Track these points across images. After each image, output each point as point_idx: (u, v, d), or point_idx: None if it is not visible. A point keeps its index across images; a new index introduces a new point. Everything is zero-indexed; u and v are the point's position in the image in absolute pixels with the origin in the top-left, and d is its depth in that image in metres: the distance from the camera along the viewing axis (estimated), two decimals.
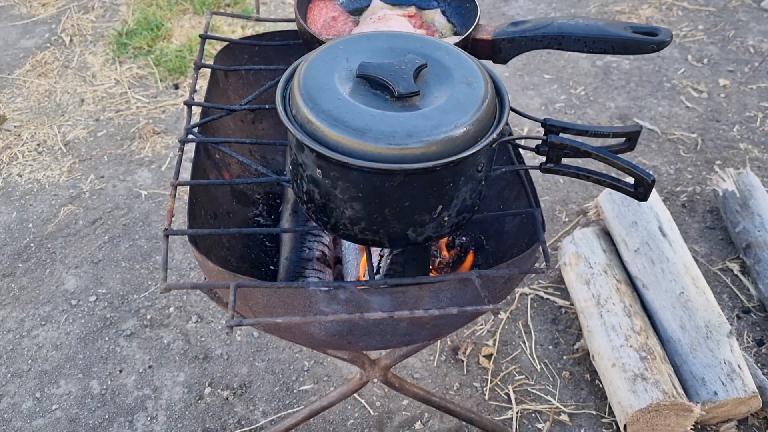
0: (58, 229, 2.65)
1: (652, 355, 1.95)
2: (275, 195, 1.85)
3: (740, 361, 1.96)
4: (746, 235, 2.38)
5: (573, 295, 2.25)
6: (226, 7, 3.90)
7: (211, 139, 1.48)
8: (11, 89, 3.37)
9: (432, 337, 1.40)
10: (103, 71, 3.45)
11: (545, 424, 2.02)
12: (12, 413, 2.06)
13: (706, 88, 3.28)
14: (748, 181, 2.52)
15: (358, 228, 1.13)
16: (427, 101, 1.09)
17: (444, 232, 1.16)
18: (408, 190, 1.06)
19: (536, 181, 2.73)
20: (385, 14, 1.51)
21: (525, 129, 3.04)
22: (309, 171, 1.10)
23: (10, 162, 2.96)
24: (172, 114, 3.20)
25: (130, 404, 2.08)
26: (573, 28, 1.35)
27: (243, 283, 1.14)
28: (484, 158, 1.11)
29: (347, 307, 1.18)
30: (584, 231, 2.36)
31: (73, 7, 3.94)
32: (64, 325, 2.30)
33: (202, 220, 1.42)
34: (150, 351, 2.22)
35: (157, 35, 3.61)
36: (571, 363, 2.18)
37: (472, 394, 2.10)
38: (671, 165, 2.87)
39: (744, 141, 2.99)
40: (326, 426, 2.02)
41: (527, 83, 3.36)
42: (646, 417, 1.85)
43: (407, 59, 1.11)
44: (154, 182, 2.85)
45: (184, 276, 2.46)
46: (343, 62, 1.13)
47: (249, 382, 2.13)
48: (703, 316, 2.04)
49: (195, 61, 1.60)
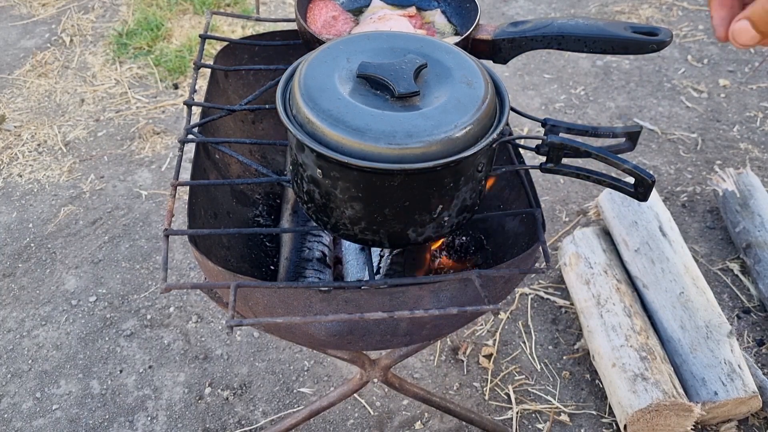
0: (58, 229, 2.65)
1: (653, 355, 1.95)
2: (275, 195, 1.85)
3: (740, 361, 1.96)
4: (746, 235, 2.38)
5: (573, 295, 2.25)
6: (226, 7, 3.90)
7: (211, 139, 1.48)
8: (11, 89, 3.37)
9: (432, 337, 1.40)
10: (103, 71, 3.45)
11: (545, 424, 2.02)
12: (12, 413, 2.06)
13: (707, 88, 3.28)
14: (748, 181, 2.52)
15: (358, 228, 1.13)
16: (427, 101, 1.08)
17: (444, 232, 1.16)
18: (408, 190, 1.05)
19: (536, 181, 2.73)
20: (385, 14, 1.51)
21: (525, 129, 3.04)
22: (309, 171, 1.10)
23: (10, 162, 2.96)
24: (172, 114, 3.20)
25: (130, 404, 2.08)
26: (573, 28, 1.34)
27: (243, 283, 1.14)
28: (485, 158, 1.11)
29: (347, 307, 1.18)
30: (584, 231, 2.36)
31: (73, 8, 3.94)
32: (65, 325, 2.30)
33: (202, 220, 1.42)
34: (150, 351, 2.22)
35: (157, 35, 3.61)
36: (572, 363, 2.18)
37: (472, 394, 2.09)
38: (671, 165, 2.87)
39: (744, 141, 2.99)
40: (326, 426, 2.02)
41: (527, 83, 3.36)
42: (647, 417, 1.85)
43: (407, 59, 1.11)
44: (154, 182, 2.85)
45: (184, 276, 2.46)
46: (343, 62, 1.13)
47: (249, 382, 2.13)
48: (704, 316, 2.04)
49: (195, 61, 1.60)
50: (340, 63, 1.13)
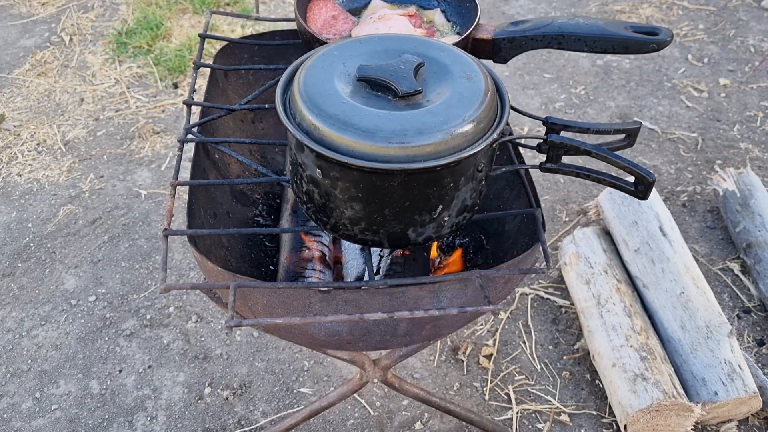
0: (58, 229, 2.64)
1: (653, 355, 1.94)
2: (275, 195, 1.85)
3: (741, 361, 1.96)
4: (747, 235, 2.37)
5: (573, 295, 2.25)
6: (226, 7, 3.89)
7: (211, 139, 1.48)
8: (11, 88, 3.36)
9: (432, 337, 1.40)
10: (103, 70, 3.45)
11: (545, 425, 2.02)
12: (11, 413, 2.06)
13: (707, 88, 3.28)
14: (749, 180, 2.52)
15: (358, 228, 1.13)
16: (430, 98, 1.09)
17: (444, 232, 1.16)
18: (408, 189, 1.05)
19: (536, 181, 2.73)
20: (384, 14, 1.51)
21: (525, 129, 3.04)
22: (309, 171, 1.09)
23: (9, 161, 2.96)
24: (171, 113, 3.20)
25: (129, 404, 2.08)
26: (573, 27, 1.35)
27: (243, 283, 1.13)
28: (485, 158, 1.11)
29: (347, 307, 1.18)
30: (584, 231, 2.35)
31: (72, 7, 3.93)
32: (64, 324, 2.30)
33: (201, 220, 1.42)
34: (150, 351, 2.22)
35: (156, 34, 3.61)
36: (572, 363, 2.17)
37: (472, 394, 2.09)
38: (671, 164, 2.87)
39: (744, 140, 2.98)
40: (326, 426, 2.02)
41: (527, 82, 3.36)
42: (647, 417, 1.84)
43: (404, 59, 1.11)
44: (153, 182, 2.85)
45: (183, 276, 2.46)
46: (340, 67, 1.13)
47: (249, 382, 2.13)
48: (704, 316, 2.04)
49: (194, 61, 1.60)
50: (338, 68, 1.13)
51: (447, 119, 1.04)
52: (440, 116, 1.04)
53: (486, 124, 1.07)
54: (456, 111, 1.05)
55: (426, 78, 1.13)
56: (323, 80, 1.10)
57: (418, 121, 1.03)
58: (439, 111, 1.05)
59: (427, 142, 1.01)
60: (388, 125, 1.02)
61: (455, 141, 1.03)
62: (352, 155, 1.01)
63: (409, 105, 1.07)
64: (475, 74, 1.12)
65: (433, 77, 1.13)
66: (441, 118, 1.04)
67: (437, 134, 1.02)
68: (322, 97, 1.07)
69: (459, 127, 1.03)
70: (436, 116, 1.04)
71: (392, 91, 1.07)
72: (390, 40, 1.20)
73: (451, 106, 1.06)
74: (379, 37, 1.21)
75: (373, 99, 1.08)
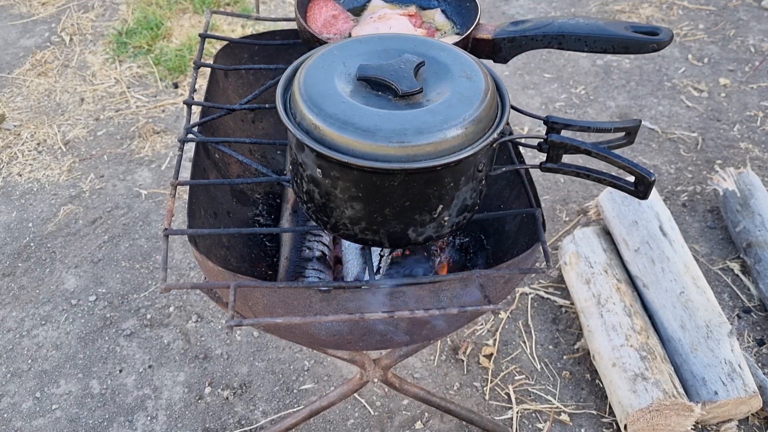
0: (58, 229, 2.64)
1: (653, 355, 1.94)
2: (275, 195, 1.85)
3: (741, 361, 1.96)
4: (747, 235, 2.37)
5: (573, 295, 2.25)
6: (226, 6, 3.89)
7: (211, 139, 1.48)
8: (11, 88, 3.37)
9: (432, 337, 1.40)
10: (103, 70, 3.45)
11: (545, 424, 2.02)
12: (12, 413, 2.06)
13: (707, 88, 3.28)
14: (749, 180, 2.52)
15: (359, 228, 1.13)
16: (430, 98, 1.09)
17: (444, 232, 1.16)
18: (409, 189, 1.05)
19: (536, 181, 2.73)
20: (385, 13, 1.51)
21: (525, 129, 3.04)
22: (309, 171, 1.10)
23: (9, 161, 2.96)
24: (171, 113, 3.20)
25: (130, 404, 2.08)
26: (573, 27, 1.35)
27: (243, 283, 1.13)
28: (485, 157, 1.11)
29: (347, 307, 1.18)
30: (584, 230, 2.35)
31: (72, 6, 3.93)
32: (64, 324, 2.30)
33: (201, 220, 1.42)
34: (150, 351, 2.22)
35: (156, 34, 3.61)
36: (572, 363, 2.18)
37: (473, 394, 2.09)
38: (672, 164, 2.87)
39: (744, 140, 2.98)
40: (326, 426, 2.02)
41: (527, 82, 3.36)
42: (647, 417, 1.84)
43: (404, 59, 1.11)
44: (153, 182, 2.85)
45: (184, 276, 2.46)
46: (340, 67, 1.13)
47: (249, 381, 2.13)
48: (704, 316, 2.04)
49: (195, 61, 1.60)
50: (338, 68, 1.13)
51: (447, 119, 1.04)
52: (440, 116, 1.04)
53: (486, 123, 1.07)
54: (456, 110, 1.05)
55: (426, 78, 1.13)
56: (323, 80, 1.10)
57: (419, 120, 1.03)
58: (440, 110, 1.05)
59: (427, 141, 1.01)
60: (388, 125, 1.02)
61: (455, 140, 1.03)
62: (353, 155, 1.01)
63: (410, 104, 1.07)
64: (475, 74, 1.12)
65: (434, 77, 1.13)
66: (441, 118, 1.04)
67: (437, 134, 1.02)
68: (322, 96, 1.07)
69: (459, 126, 1.03)
70: (436, 116, 1.04)
71: (392, 90, 1.07)
72: (390, 40, 1.20)
73: (452, 105, 1.06)
74: (379, 37, 1.21)
75: (374, 98, 1.08)
